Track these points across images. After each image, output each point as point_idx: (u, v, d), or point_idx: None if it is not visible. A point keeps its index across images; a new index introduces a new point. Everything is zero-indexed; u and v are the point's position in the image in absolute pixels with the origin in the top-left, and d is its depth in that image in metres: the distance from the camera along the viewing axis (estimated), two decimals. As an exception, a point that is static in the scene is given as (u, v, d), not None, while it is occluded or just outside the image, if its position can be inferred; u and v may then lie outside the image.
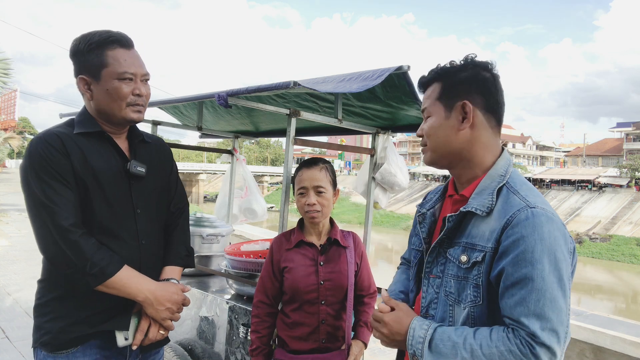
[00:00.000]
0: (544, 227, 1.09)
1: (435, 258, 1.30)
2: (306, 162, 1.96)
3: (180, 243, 1.78)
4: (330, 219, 2.00)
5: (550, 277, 1.07)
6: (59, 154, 1.44)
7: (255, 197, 3.73)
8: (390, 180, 2.84)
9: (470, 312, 1.18)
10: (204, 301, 2.65)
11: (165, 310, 1.56)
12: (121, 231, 1.55)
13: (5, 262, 7.27)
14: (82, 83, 1.54)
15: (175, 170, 1.84)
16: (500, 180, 1.23)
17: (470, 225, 1.22)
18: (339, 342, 1.92)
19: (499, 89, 1.27)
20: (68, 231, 1.40)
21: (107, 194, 1.52)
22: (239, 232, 7.52)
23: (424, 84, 1.35)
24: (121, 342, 1.53)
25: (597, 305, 22.63)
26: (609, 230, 38.30)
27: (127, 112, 1.54)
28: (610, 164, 57.23)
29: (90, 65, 1.51)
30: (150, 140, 1.75)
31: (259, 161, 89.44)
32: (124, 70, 1.50)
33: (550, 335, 1.05)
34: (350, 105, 2.65)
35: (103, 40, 1.50)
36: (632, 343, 2.87)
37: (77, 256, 1.40)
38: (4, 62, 13.48)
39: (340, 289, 1.90)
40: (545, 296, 1.06)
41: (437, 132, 1.28)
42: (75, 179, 1.46)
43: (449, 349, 1.13)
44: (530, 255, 1.07)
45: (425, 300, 1.30)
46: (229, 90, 2.17)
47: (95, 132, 1.54)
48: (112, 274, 1.45)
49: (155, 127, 3.34)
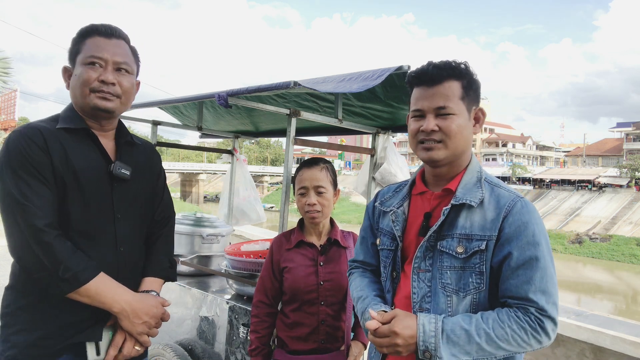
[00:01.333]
0: (535, 213, 1.25)
1: (425, 252, 1.32)
2: (307, 161, 1.96)
3: (163, 254, 1.68)
4: (330, 219, 2.00)
5: (548, 256, 1.22)
6: (39, 149, 1.36)
7: (252, 201, 3.73)
8: (391, 180, 2.84)
9: (473, 299, 1.25)
10: (204, 301, 2.65)
11: (142, 324, 1.45)
12: (98, 235, 1.45)
13: (5, 262, 7.27)
14: (64, 72, 1.51)
15: (163, 178, 1.75)
16: (478, 175, 1.34)
17: (461, 217, 1.28)
18: (339, 342, 1.91)
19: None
20: (42, 232, 1.30)
21: (86, 194, 1.43)
22: (239, 232, 7.50)
23: (438, 76, 1.29)
24: (92, 357, 1.41)
25: (597, 305, 22.63)
26: (609, 230, 38.29)
27: (91, 98, 1.44)
28: (610, 164, 57.22)
29: (71, 54, 1.49)
30: (139, 142, 1.67)
31: (259, 161, 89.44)
32: (91, 54, 1.43)
33: (553, 308, 1.19)
34: (351, 105, 2.65)
35: (86, 30, 1.48)
36: (632, 343, 2.87)
37: (50, 259, 1.30)
38: (4, 61, 13.49)
39: (340, 290, 1.90)
40: (547, 273, 1.20)
41: (464, 132, 1.31)
42: (54, 177, 1.37)
43: (461, 336, 1.17)
44: (532, 239, 1.21)
45: (417, 295, 1.32)
46: (229, 90, 2.17)
47: (80, 128, 1.46)
48: (87, 281, 1.34)
49: (155, 127, 3.34)
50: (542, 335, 1.18)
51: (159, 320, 1.52)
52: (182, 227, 3.11)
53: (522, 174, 56.44)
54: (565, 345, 3.22)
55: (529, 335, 1.17)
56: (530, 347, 1.19)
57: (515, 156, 69.05)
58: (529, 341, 1.17)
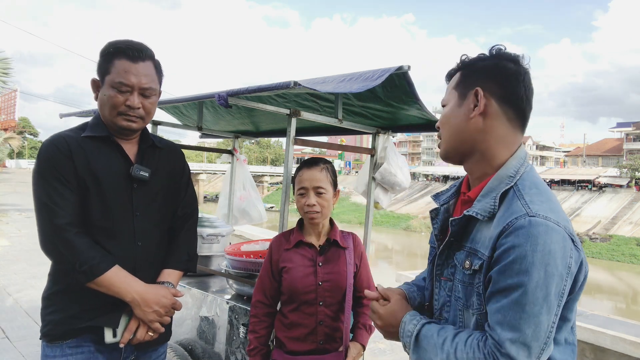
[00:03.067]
0: (540, 237, 1.02)
1: (446, 260, 1.25)
2: (307, 162, 1.95)
3: (183, 247, 1.81)
4: (330, 219, 2.00)
5: (535, 292, 1.01)
6: (63, 156, 1.53)
7: (253, 201, 3.73)
8: (391, 180, 2.84)
9: (478, 319, 1.14)
10: (204, 301, 2.65)
11: (152, 313, 1.59)
12: (117, 231, 1.61)
13: (5, 262, 7.26)
14: (93, 84, 1.64)
15: (188, 174, 1.88)
16: (509, 182, 1.15)
17: (474, 229, 1.17)
18: (337, 343, 1.90)
19: (522, 82, 1.18)
20: (62, 229, 1.49)
21: (106, 195, 1.59)
22: (239, 232, 7.51)
23: (450, 75, 1.30)
24: (109, 339, 1.58)
25: (597, 305, 22.62)
26: (609, 230, 38.30)
27: (118, 119, 1.60)
28: (610, 164, 57.22)
29: (100, 70, 1.61)
30: (161, 145, 1.81)
31: (259, 161, 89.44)
32: (120, 80, 1.56)
33: (519, 349, 1.01)
34: (351, 105, 2.65)
35: (116, 49, 1.58)
36: (632, 343, 2.87)
37: (69, 253, 1.49)
38: (4, 61, 13.48)
39: (338, 290, 1.90)
40: (525, 309, 1.01)
41: (449, 120, 1.24)
42: (76, 180, 1.54)
43: (430, 347, 1.16)
44: (518, 267, 1.02)
45: (438, 302, 1.28)
46: (229, 90, 2.17)
47: (102, 136, 1.62)
48: (101, 273, 1.50)
49: (155, 127, 3.34)
50: None
51: (169, 309, 1.64)
52: (182, 227, 3.11)
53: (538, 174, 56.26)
54: (565, 345, 3.22)
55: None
56: None
57: (515, 156, 68.83)
58: None
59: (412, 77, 2.11)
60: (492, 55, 1.22)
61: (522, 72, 1.19)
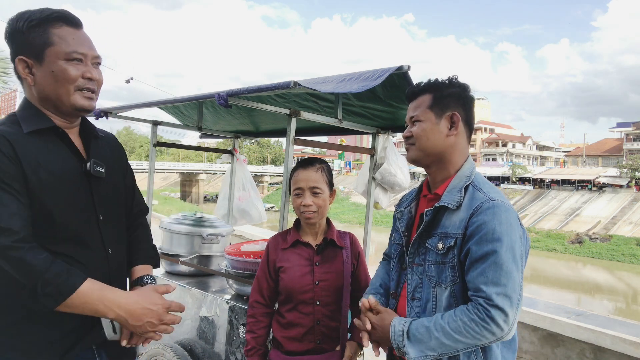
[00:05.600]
0: (502, 215, 1.35)
1: (417, 249, 1.52)
2: (302, 162, 1.96)
3: (147, 243, 1.64)
4: (327, 219, 2.00)
5: (506, 254, 1.31)
6: (7, 160, 1.23)
7: (253, 201, 3.73)
8: (391, 180, 2.84)
9: (451, 290, 1.41)
10: (204, 301, 2.65)
11: (144, 326, 1.33)
12: (87, 240, 1.37)
13: None
14: (21, 65, 1.33)
15: (131, 169, 1.68)
16: (467, 180, 1.48)
17: (443, 218, 1.46)
18: (334, 343, 1.91)
19: (473, 108, 1.56)
20: (9, 248, 1.17)
21: (68, 200, 1.33)
22: (239, 232, 7.51)
23: (414, 94, 1.57)
24: (109, 334, 1.35)
25: (597, 305, 22.63)
26: (609, 230, 38.30)
27: (76, 97, 1.34)
28: (610, 164, 57.19)
29: (32, 45, 1.30)
30: (102, 134, 1.56)
31: (259, 161, 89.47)
32: (73, 49, 1.32)
33: (503, 299, 1.27)
34: (351, 105, 2.65)
35: (46, 17, 1.31)
36: (632, 343, 2.87)
37: (25, 275, 1.17)
38: (3, 61, 13.47)
39: (335, 290, 1.90)
40: (502, 268, 1.30)
41: (428, 134, 1.51)
42: (27, 187, 1.25)
43: (423, 334, 1.34)
44: (490, 236, 1.32)
45: (411, 286, 1.52)
46: (229, 90, 2.17)
47: (48, 128, 1.34)
48: (72, 291, 1.21)
49: (155, 127, 3.34)
50: (492, 325, 1.27)
51: (163, 314, 1.38)
52: (182, 227, 3.11)
53: (522, 174, 56.42)
54: (565, 345, 3.23)
55: (479, 325, 1.27)
56: (485, 338, 1.29)
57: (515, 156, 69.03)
58: (480, 332, 1.28)
59: (412, 77, 2.11)
60: (453, 83, 1.53)
61: (472, 99, 1.56)
